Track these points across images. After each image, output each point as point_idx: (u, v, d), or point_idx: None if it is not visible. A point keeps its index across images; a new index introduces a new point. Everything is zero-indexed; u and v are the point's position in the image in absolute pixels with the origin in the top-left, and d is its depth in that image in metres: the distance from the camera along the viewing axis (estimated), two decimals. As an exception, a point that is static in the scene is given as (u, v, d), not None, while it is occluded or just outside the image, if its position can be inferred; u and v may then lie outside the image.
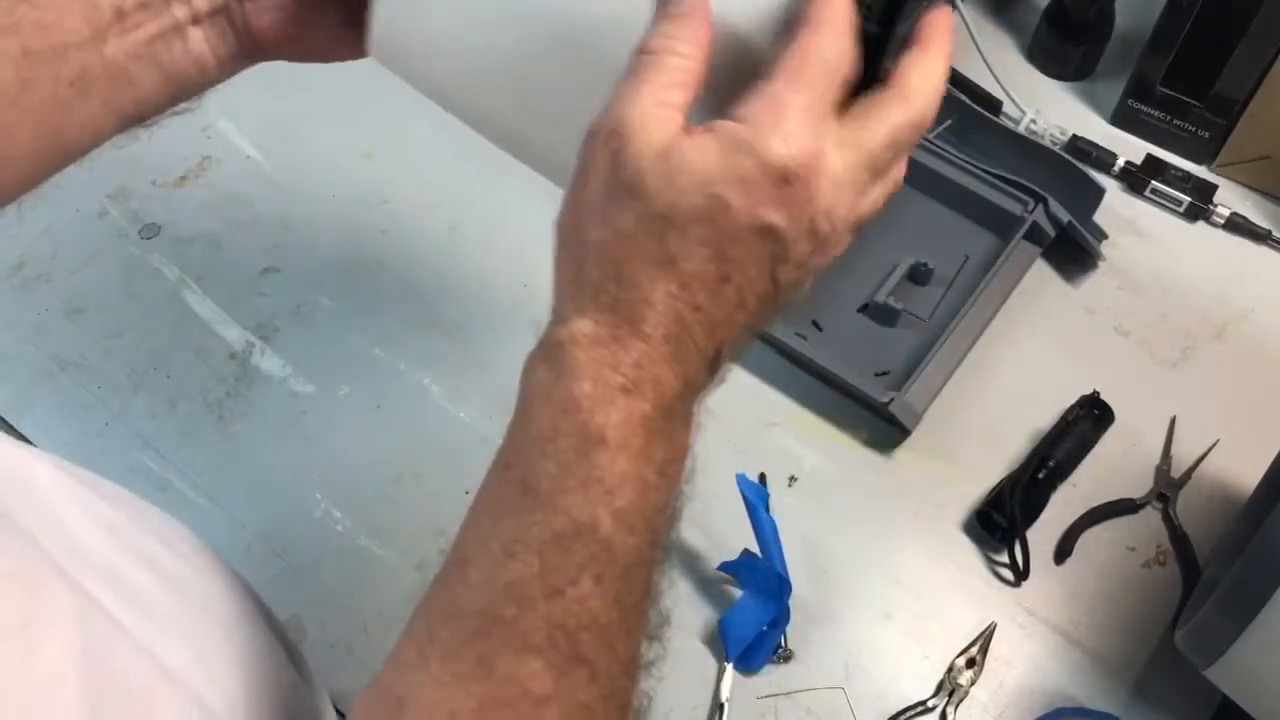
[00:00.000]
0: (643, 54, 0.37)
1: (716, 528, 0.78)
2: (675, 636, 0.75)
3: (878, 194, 0.40)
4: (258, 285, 0.92)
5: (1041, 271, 0.91)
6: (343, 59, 0.53)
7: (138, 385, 0.87)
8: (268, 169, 0.99)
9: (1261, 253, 0.93)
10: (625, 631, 0.36)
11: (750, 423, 0.84)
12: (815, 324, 0.88)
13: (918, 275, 0.89)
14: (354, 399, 0.86)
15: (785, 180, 0.35)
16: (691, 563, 0.77)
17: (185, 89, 0.50)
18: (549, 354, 0.37)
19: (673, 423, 0.38)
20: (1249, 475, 0.76)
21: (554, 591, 0.34)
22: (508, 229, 0.94)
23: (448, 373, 0.87)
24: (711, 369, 0.39)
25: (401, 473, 0.82)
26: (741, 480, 0.72)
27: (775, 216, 0.36)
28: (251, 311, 0.90)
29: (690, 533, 0.79)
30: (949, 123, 0.97)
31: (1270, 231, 0.92)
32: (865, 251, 0.91)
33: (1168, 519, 0.79)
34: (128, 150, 0.53)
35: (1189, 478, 0.81)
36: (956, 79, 0.98)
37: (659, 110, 0.36)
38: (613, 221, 0.37)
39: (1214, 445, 0.82)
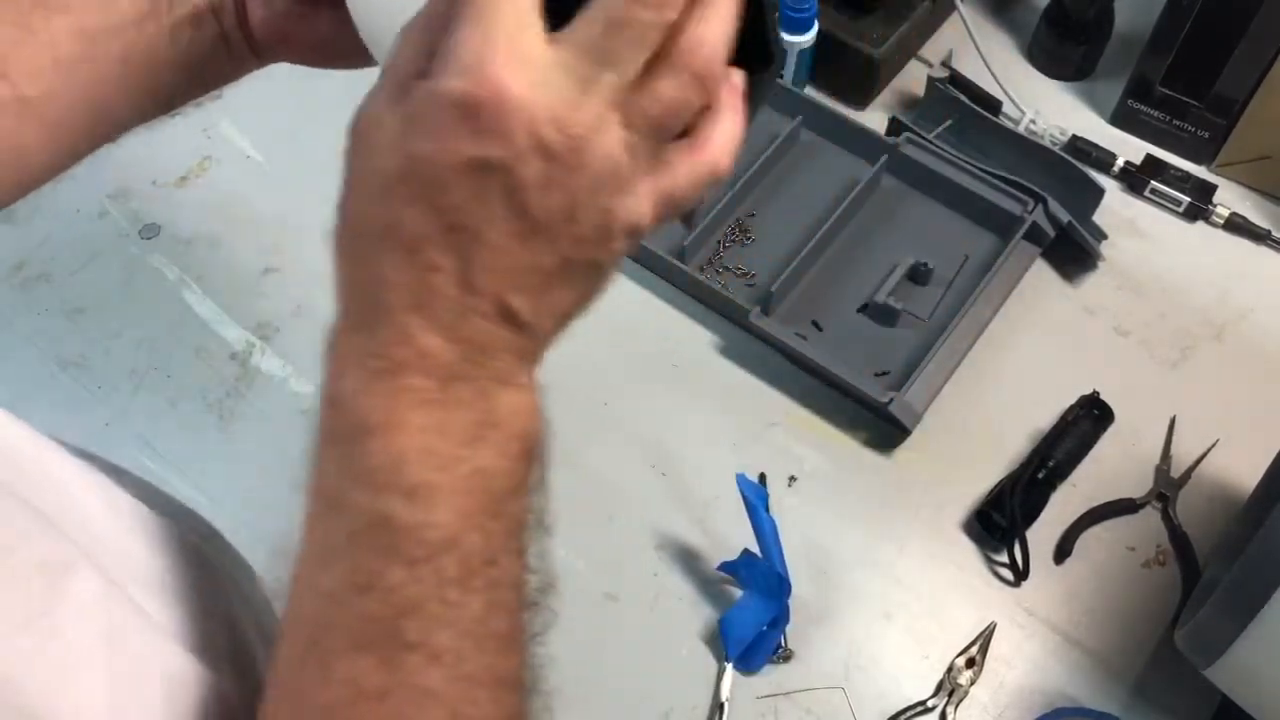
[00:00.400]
0: None
1: (716, 528, 0.78)
2: (675, 636, 0.75)
3: (663, 89, 0.35)
4: (258, 285, 0.92)
5: (1041, 271, 0.91)
6: (348, 66, 0.53)
7: (138, 385, 0.87)
8: (268, 169, 0.99)
9: (1261, 253, 0.93)
10: (465, 607, 0.35)
11: (750, 423, 0.84)
12: (815, 324, 0.88)
13: (918, 275, 0.89)
14: (354, 399, 0.86)
15: (467, 109, 0.33)
16: (691, 563, 0.77)
17: (205, 77, 0.52)
18: (324, 360, 0.36)
19: (467, 388, 0.35)
20: (1249, 475, 0.76)
21: (364, 587, 0.34)
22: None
23: (448, 373, 0.87)
24: (509, 323, 0.36)
25: (401, 473, 0.82)
26: (741, 480, 0.72)
27: (476, 149, 0.33)
28: (251, 311, 0.90)
29: (690, 533, 0.79)
30: (949, 123, 0.97)
31: (1270, 231, 0.92)
32: (865, 251, 0.91)
33: (1168, 519, 0.79)
34: (128, 150, 0.54)
35: (1189, 478, 0.81)
36: (956, 79, 0.98)
37: (388, 89, 0.35)
38: (342, 211, 0.36)
39: (1214, 445, 0.82)
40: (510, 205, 0.34)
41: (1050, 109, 1.00)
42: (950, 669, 0.74)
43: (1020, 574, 0.76)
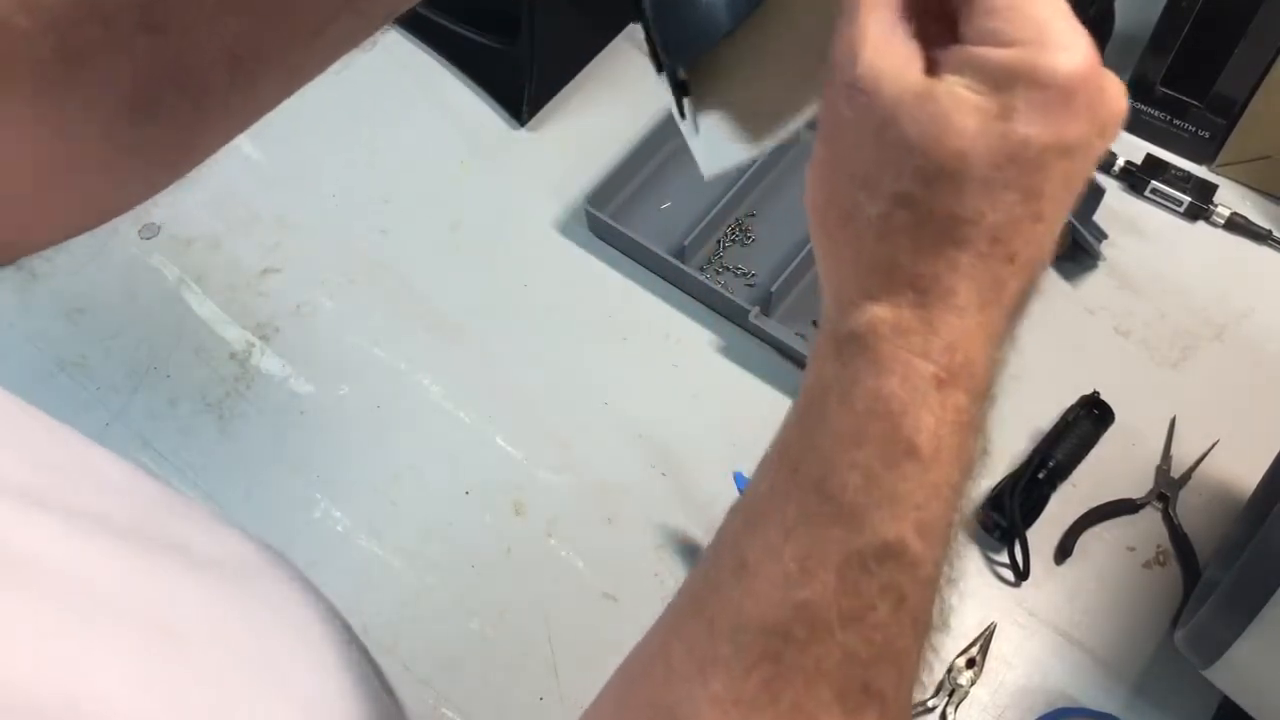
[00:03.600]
0: None
1: (716, 527, 0.78)
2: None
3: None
4: (258, 285, 0.92)
5: (1041, 271, 0.91)
6: None
7: (138, 385, 0.87)
8: (268, 169, 0.98)
9: (1261, 253, 0.93)
10: (916, 655, 0.33)
11: (750, 422, 0.84)
12: (815, 324, 0.88)
13: (918, 275, 0.89)
14: (354, 399, 0.86)
15: (1073, 91, 0.31)
16: (692, 563, 0.77)
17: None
18: (842, 348, 0.33)
19: (986, 407, 0.34)
20: (1249, 475, 0.76)
21: (851, 618, 0.31)
22: (508, 228, 0.94)
23: (448, 373, 0.87)
24: (1015, 321, 0.34)
25: (401, 472, 0.82)
26: (741, 480, 0.72)
27: (1074, 132, 0.31)
28: (251, 311, 0.90)
29: (691, 532, 0.79)
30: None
31: (1270, 231, 0.92)
32: (865, 251, 0.91)
33: (1168, 519, 0.79)
34: (128, 150, 0.53)
35: (1189, 478, 0.81)
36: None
37: (896, 46, 0.31)
38: (891, 188, 0.31)
39: (1214, 445, 0.81)
40: (1074, 188, 0.32)
41: (1050, 109, 0.99)
42: (950, 669, 0.74)
43: (1020, 574, 0.76)
